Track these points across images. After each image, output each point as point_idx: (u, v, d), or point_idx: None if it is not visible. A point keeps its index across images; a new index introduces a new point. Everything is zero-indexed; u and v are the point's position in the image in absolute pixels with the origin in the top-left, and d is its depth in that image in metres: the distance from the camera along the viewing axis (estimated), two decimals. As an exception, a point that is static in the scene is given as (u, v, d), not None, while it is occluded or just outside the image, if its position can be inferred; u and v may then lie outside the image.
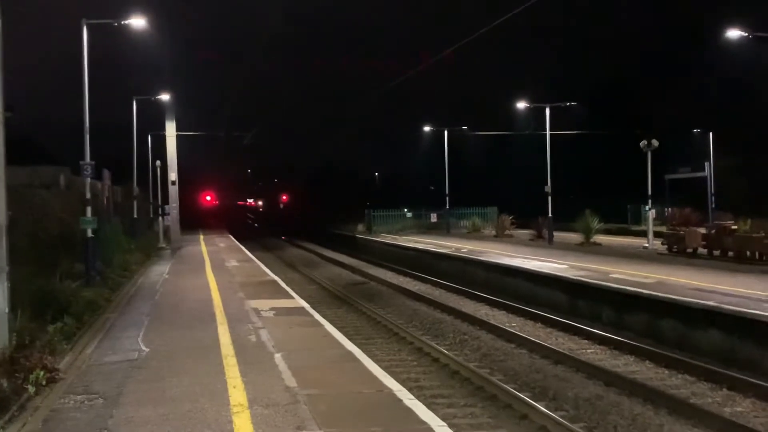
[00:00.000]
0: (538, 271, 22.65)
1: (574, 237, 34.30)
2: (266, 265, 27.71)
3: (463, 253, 30.34)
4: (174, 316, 15.14)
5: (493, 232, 43.39)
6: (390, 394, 8.78)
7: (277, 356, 10.83)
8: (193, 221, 57.77)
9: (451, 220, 50.05)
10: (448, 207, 49.90)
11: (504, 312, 20.59)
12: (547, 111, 37.02)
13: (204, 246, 38.50)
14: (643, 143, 30.53)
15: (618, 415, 10.95)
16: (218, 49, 68.55)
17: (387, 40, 68.81)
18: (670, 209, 35.76)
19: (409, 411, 8.06)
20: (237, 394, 8.77)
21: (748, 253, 23.42)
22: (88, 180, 20.05)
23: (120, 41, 28.34)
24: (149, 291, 19.71)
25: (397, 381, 9.88)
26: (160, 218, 40.32)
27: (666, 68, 54.84)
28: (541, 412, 10.77)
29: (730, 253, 24.21)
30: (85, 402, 8.75)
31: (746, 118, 44.99)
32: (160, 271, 25.45)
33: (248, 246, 40.13)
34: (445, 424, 7.73)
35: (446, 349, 15.47)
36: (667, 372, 13.49)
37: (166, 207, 39.64)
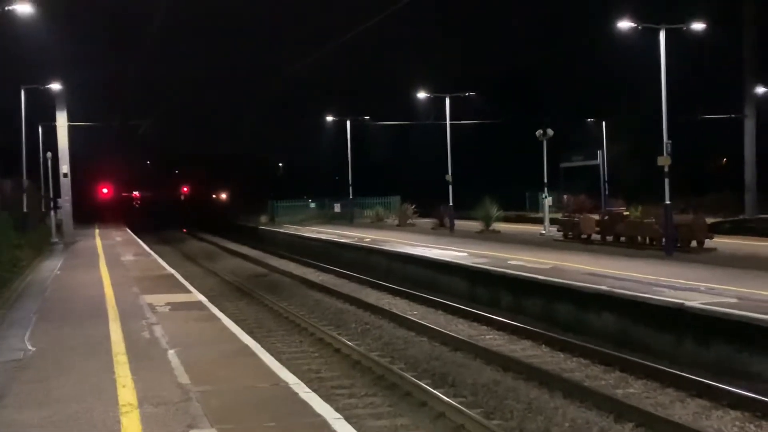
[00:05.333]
0: (439, 259, 22.85)
1: (475, 225, 34.82)
2: (164, 259, 27.02)
3: (366, 242, 30.36)
4: (64, 313, 14.53)
5: (396, 221, 43.65)
6: (286, 387, 8.62)
7: (171, 352, 10.50)
8: (89, 215, 55.86)
9: (354, 209, 50.04)
10: (351, 197, 49.87)
11: (406, 300, 20.67)
12: (447, 101, 37.40)
13: (99, 240, 37.26)
14: (538, 132, 31.25)
15: (515, 400, 11.10)
16: (111, 35, 66.25)
17: (287, 26, 68.13)
18: (565, 196, 36.73)
19: (305, 404, 7.92)
20: (126, 393, 8.44)
21: (639, 238, 24.25)
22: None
23: (6, 28, 26.98)
24: (39, 288, 18.89)
25: (297, 373, 9.74)
26: (52, 212, 38.75)
27: (561, 58, 56.22)
28: (440, 399, 10.81)
29: (623, 239, 25.01)
30: (-39, 407, 8.24)
31: (635, 107, 46.69)
32: (51, 266, 24.47)
33: (146, 240, 39.07)
34: (340, 416, 7.63)
35: (348, 339, 15.39)
36: (562, 356, 13.78)
37: (59, 200, 38.11)
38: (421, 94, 40.24)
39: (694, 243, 22.75)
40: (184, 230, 61.06)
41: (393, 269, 25.52)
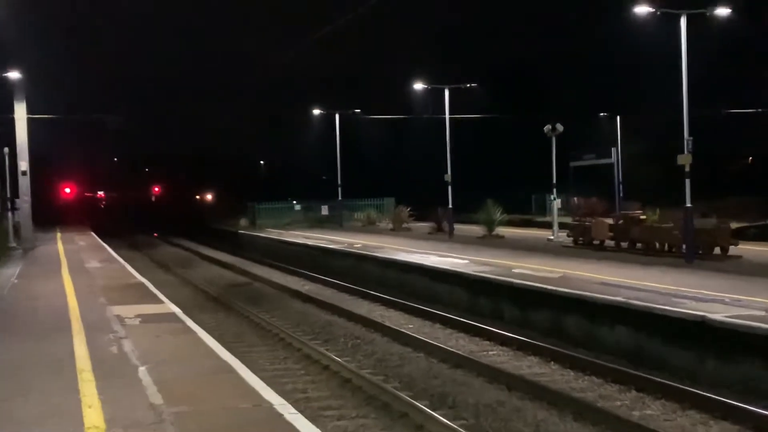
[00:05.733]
0: (437, 268, 22.85)
1: (476, 229, 34.84)
2: (134, 266, 26.96)
3: (356, 248, 30.34)
4: (22, 326, 14.46)
5: (390, 225, 43.63)
6: (270, 408, 8.59)
7: (142, 369, 10.46)
8: (51, 216, 55.70)
9: (344, 212, 49.99)
10: (340, 198, 49.84)
11: (401, 312, 20.67)
12: (446, 93, 37.37)
13: (61, 245, 37.15)
14: (547, 128, 31.27)
15: (521, 422, 11.10)
16: (78, 24, 66.05)
17: (269, 14, 68.03)
18: (575, 199, 36.75)
19: (291, 427, 7.90)
20: (93, 414, 8.40)
21: (657, 244, 24.29)
22: None
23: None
24: (-6, 298, 18.80)
25: (281, 393, 9.72)
26: (10, 214, 38.59)
27: (571, 49, 56.37)
28: (439, 422, 10.80)
29: (639, 245, 25.06)
30: None
31: (652, 101, 46.77)
32: (8, 274, 24.37)
33: (113, 244, 38.98)
34: (330, 440, 7.61)
35: (337, 356, 15.37)
36: (572, 373, 13.80)
37: (17, 201, 37.95)
38: (418, 86, 40.19)
39: (717, 250, 22.80)
40: (155, 234, 60.89)
41: (386, 278, 25.51)
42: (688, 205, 21.99)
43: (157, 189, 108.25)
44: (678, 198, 22.78)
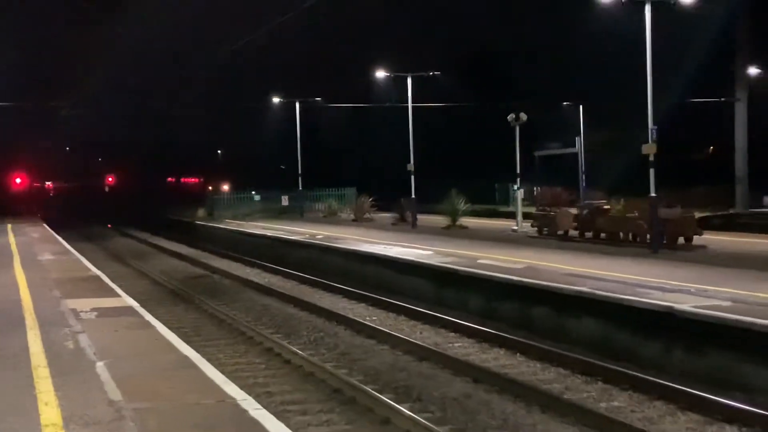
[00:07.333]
0: (401, 259, 22.85)
1: (440, 220, 34.91)
2: (88, 259, 26.60)
3: (318, 239, 30.26)
4: (-27, 321, 14.16)
5: (352, 216, 43.57)
6: (233, 404, 8.50)
7: (100, 365, 10.30)
8: (1, 208, 54.80)
9: (305, 203, 49.84)
10: (301, 188, 49.64)
11: (364, 305, 20.64)
12: (409, 81, 37.35)
13: (12, 237, 36.53)
14: (510, 117, 31.40)
15: (488, 415, 11.13)
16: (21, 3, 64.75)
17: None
18: (539, 188, 36.98)
19: (256, 423, 7.82)
20: (49, 411, 8.25)
21: (621, 234, 24.52)
22: None
23: None
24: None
25: (243, 388, 9.61)
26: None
27: (536, 37, 56.62)
28: (405, 415, 10.79)
29: (603, 235, 25.27)
30: None
31: (617, 90, 47.13)
32: (-43, 267, 23.87)
33: (66, 236, 38.43)
34: (296, 436, 7.55)
35: (299, 349, 15.31)
36: (539, 365, 13.87)
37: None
38: (380, 74, 40.08)
39: (681, 240, 23.08)
40: (110, 225, 60.25)
41: (349, 270, 25.46)
42: (653, 194, 22.21)
43: (110, 179, 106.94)
44: (643, 187, 23.00)
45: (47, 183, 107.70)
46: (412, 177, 36.30)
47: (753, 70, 42.16)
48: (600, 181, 38.96)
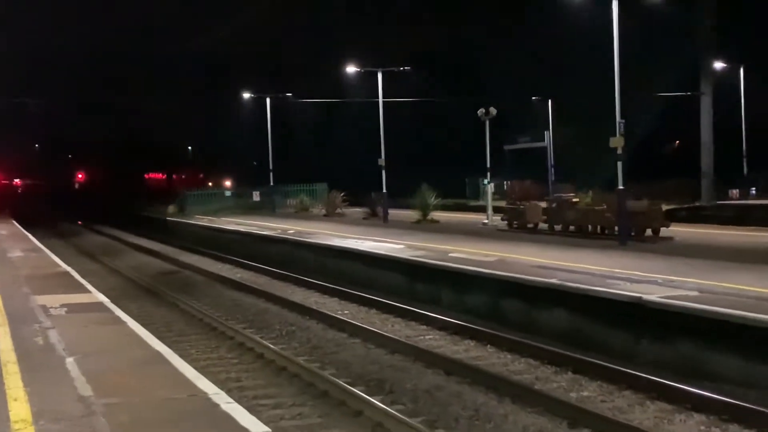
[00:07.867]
0: (372, 253, 22.86)
1: (411, 214, 34.97)
2: (59, 255, 26.33)
3: (290, 234, 30.18)
4: (-59, 318, 13.97)
5: (323, 211, 43.55)
6: (205, 398, 8.45)
7: (70, 361, 10.20)
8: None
9: (277, 198, 49.69)
10: (272, 184, 49.47)
11: (336, 299, 20.62)
12: (380, 75, 37.36)
13: (-19, 234, 36.08)
14: (480, 111, 31.52)
15: (460, 407, 11.15)
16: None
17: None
18: (509, 182, 37.16)
19: (228, 417, 7.77)
20: (19, 407, 8.15)
21: (590, 227, 24.70)
22: None
23: None
24: None
25: (215, 382, 9.56)
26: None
27: (504, 32, 56.74)
28: (377, 408, 10.78)
29: (572, 228, 25.44)
30: None
31: (584, 84, 47.47)
32: (-76, 265, 23.56)
33: (36, 233, 38.03)
34: (269, 429, 7.52)
35: (272, 343, 15.26)
36: (510, 356, 13.93)
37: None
38: (351, 69, 40.03)
39: (649, 232, 23.29)
40: (80, 222, 59.71)
41: (321, 264, 25.41)
42: (621, 187, 22.37)
43: (80, 175, 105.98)
44: (611, 180, 23.16)
45: (15, 180, 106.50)
46: (383, 172, 36.31)
47: (718, 65, 42.52)
48: (569, 174, 39.26)
